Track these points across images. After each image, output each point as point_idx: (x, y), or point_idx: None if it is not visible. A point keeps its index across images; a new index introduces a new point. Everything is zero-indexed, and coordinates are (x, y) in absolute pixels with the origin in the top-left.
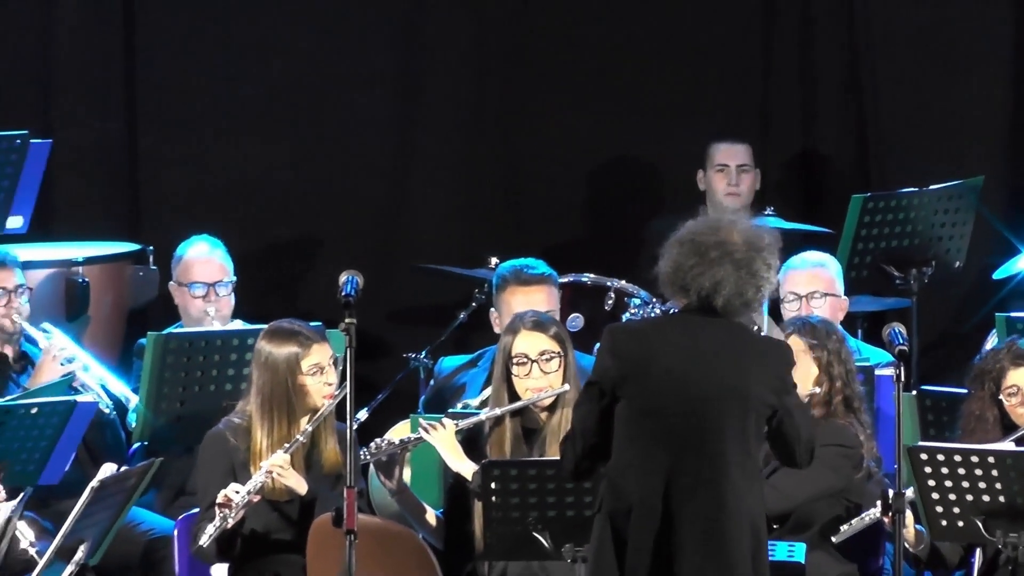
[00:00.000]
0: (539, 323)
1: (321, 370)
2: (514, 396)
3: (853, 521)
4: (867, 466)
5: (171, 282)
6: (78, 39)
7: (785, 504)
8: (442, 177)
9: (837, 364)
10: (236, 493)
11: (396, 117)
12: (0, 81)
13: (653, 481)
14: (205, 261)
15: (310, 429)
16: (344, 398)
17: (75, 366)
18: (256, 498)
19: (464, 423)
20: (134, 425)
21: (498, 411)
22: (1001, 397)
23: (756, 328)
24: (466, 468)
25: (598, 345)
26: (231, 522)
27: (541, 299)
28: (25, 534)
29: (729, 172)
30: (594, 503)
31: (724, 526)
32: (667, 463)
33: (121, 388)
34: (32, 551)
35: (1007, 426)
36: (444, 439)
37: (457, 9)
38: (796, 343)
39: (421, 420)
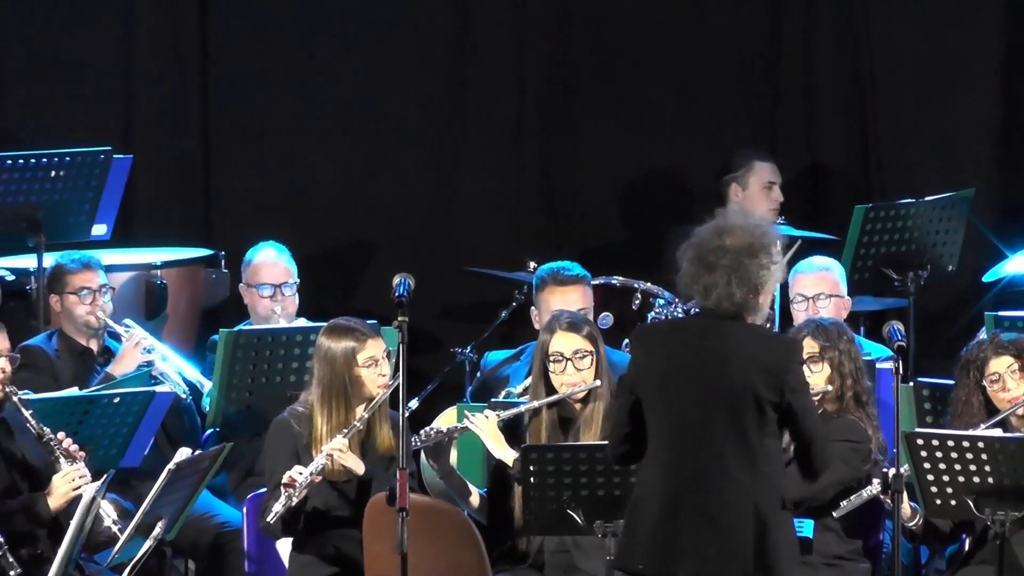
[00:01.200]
0: (573, 324)
1: (375, 362)
2: (551, 389)
3: (852, 497)
4: (874, 456)
5: (241, 284)
6: (157, 63)
7: (803, 493)
8: (486, 188)
9: (847, 362)
10: (299, 474)
11: (444, 132)
12: (86, 101)
13: (663, 473)
14: (272, 265)
15: (366, 416)
16: (397, 388)
17: (154, 356)
18: (318, 479)
19: (505, 414)
20: (208, 410)
21: (536, 404)
22: (984, 383)
23: (768, 325)
24: (507, 456)
25: (626, 342)
26: (295, 500)
27: (576, 298)
28: (108, 512)
29: (775, 189)
30: (623, 484)
31: (723, 514)
32: (673, 456)
33: (195, 374)
34: (115, 528)
35: (991, 410)
36: (487, 429)
37: (500, 31)
38: (809, 344)
39: (467, 412)
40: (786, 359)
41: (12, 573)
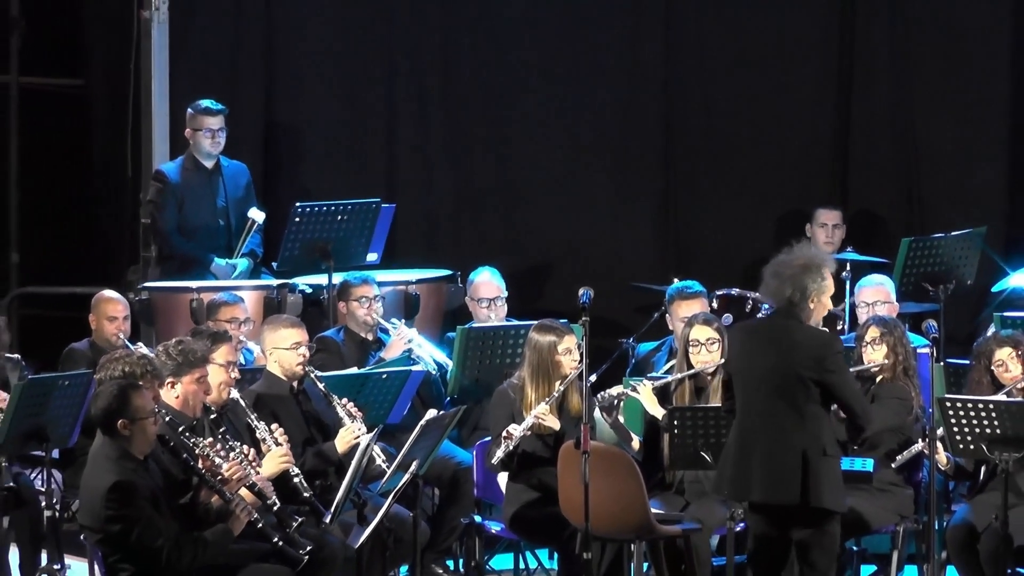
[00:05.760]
0: (707, 320)
1: (569, 352)
2: (691, 366)
3: (905, 452)
4: (915, 412)
5: (467, 297)
6: (410, 137)
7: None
8: (644, 226)
9: (899, 345)
10: (515, 429)
11: (615, 194)
12: (360, 163)
13: (740, 428)
14: (487, 284)
15: (562, 388)
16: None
17: (413, 345)
18: (528, 433)
19: (658, 383)
20: (449, 383)
21: (679, 376)
22: (992, 368)
23: (841, 327)
24: (659, 412)
25: None
26: (512, 448)
27: (697, 307)
28: (378, 455)
29: (827, 228)
30: None
31: (778, 457)
32: (745, 417)
33: (442, 357)
34: (384, 465)
35: (997, 386)
36: (645, 394)
37: (652, 121)
38: (873, 331)
39: (632, 382)
40: (824, 349)
41: (307, 495)
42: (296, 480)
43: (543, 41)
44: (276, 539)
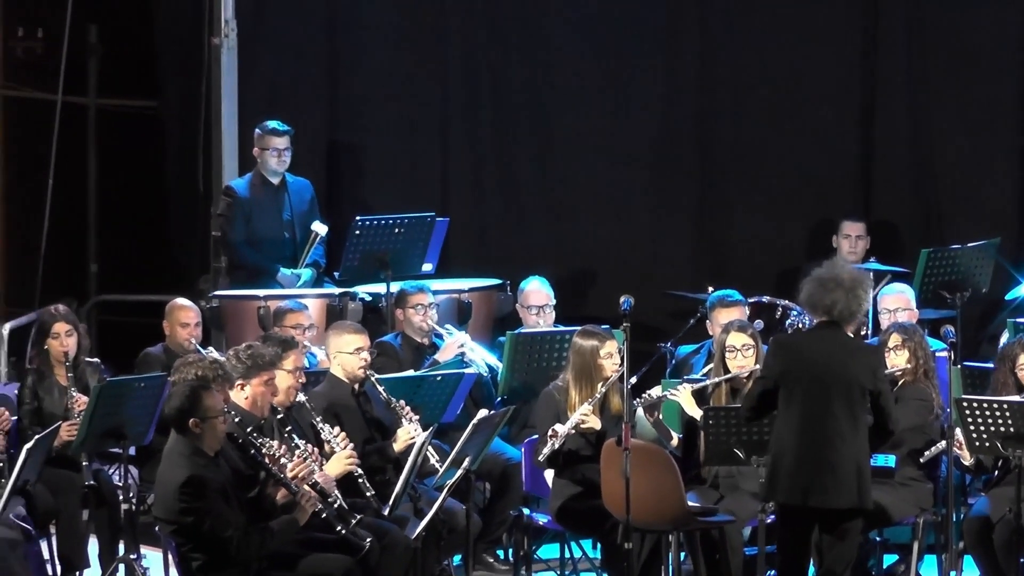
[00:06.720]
0: (742, 327)
1: (611, 355)
2: (727, 370)
3: (932, 448)
4: (936, 412)
5: (517, 304)
6: (463, 157)
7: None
8: (680, 237)
9: (920, 350)
10: (560, 428)
11: (653, 208)
12: (416, 179)
13: (798, 435)
14: (536, 292)
15: (604, 391)
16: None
17: (465, 348)
18: (572, 432)
19: (696, 386)
20: (499, 384)
21: (716, 380)
22: (1016, 370)
23: (865, 333)
24: (696, 413)
25: (765, 348)
26: (558, 446)
27: (736, 314)
28: (433, 453)
29: (851, 239)
30: (768, 433)
31: (835, 460)
32: (804, 424)
33: (493, 361)
34: (437, 464)
35: (1020, 388)
36: (683, 396)
37: (688, 140)
38: (895, 337)
39: (670, 387)
40: (876, 359)
41: (369, 494)
42: (360, 480)
43: (585, 63)
44: (340, 528)
